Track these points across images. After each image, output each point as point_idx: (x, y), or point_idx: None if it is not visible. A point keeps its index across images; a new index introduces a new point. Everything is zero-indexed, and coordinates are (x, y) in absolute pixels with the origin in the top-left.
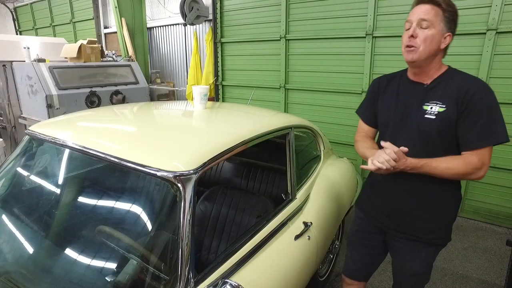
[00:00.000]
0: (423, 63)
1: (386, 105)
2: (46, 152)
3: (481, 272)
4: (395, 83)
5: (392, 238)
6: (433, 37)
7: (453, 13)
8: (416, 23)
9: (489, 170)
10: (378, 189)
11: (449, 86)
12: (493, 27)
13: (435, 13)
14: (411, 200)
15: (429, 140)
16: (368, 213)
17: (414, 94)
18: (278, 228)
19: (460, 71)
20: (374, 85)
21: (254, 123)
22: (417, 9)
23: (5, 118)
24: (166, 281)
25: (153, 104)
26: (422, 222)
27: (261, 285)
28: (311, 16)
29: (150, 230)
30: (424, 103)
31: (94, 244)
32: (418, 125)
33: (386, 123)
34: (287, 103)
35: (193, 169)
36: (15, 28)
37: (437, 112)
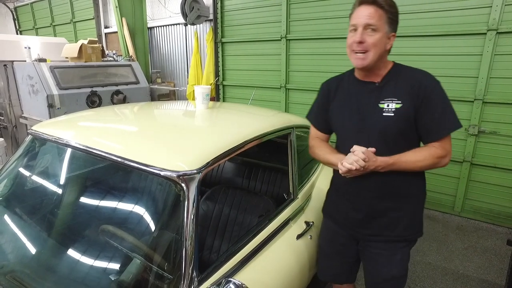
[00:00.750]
0: (373, 65)
1: (340, 109)
2: (49, 152)
3: (482, 272)
4: (344, 86)
5: (366, 245)
6: (380, 41)
7: (395, 13)
8: (362, 28)
9: (489, 170)
10: (344, 195)
11: (399, 81)
12: (494, 27)
13: (379, 16)
14: (381, 200)
15: (390, 137)
16: (338, 221)
17: (367, 93)
18: (280, 227)
19: (404, 65)
20: (323, 90)
21: (257, 123)
22: (361, 12)
23: (6, 117)
24: (170, 280)
25: (155, 104)
26: (396, 220)
27: (264, 284)
28: (312, 16)
29: (154, 229)
30: (379, 102)
31: (98, 243)
32: (377, 124)
33: (343, 127)
34: (288, 103)
35: (196, 168)
36: (16, 28)
37: (395, 109)
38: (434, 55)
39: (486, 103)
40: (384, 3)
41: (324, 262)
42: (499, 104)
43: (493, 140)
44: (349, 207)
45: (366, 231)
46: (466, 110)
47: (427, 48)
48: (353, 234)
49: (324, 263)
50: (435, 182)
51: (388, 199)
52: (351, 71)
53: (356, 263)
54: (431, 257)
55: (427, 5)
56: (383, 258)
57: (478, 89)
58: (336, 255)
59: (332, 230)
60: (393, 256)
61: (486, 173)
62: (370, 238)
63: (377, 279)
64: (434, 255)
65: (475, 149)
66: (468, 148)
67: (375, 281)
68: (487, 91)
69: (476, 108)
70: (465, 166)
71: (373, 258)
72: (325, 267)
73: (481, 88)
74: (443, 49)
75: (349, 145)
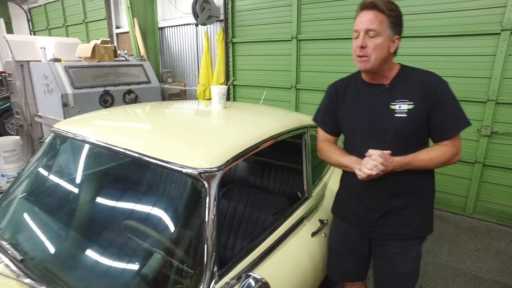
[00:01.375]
0: (377, 69)
1: (350, 112)
2: (72, 149)
3: (495, 274)
4: (352, 88)
5: (380, 244)
6: (382, 45)
7: (397, 16)
8: (363, 33)
9: (501, 171)
10: (357, 196)
11: (409, 83)
12: (508, 27)
13: (380, 21)
14: (395, 199)
15: (403, 137)
16: (350, 222)
17: (377, 95)
18: (295, 225)
19: (410, 66)
20: (331, 93)
21: (273, 122)
22: (363, 18)
23: (22, 116)
24: (192, 274)
25: (171, 103)
26: (409, 218)
27: (281, 279)
28: (323, 16)
29: (175, 225)
30: (391, 103)
31: (120, 237)
32: (390, 125)
33: (354, 131)
34: (298, 103)
35: (217, 166)
36: (29, 29)
37: (407, 110)
38: (447, 55)
39: (499, 103)
40: (384, 8)
41: (335, 262)
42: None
43: (506, 141)
44: (363, 208)
45: (381, 230)
46: (478, 111)
47: (440, 49)
48: (366, 233)
49: (334, 263)
50: (447, 183)
51: (401, 198)
52: (357, 74)
53: (367, 261)
54: (443, 258)
55: (440, 5)
56: (398, 256)
57: (491, 90)
58: (347, 254)
59: (344, 229)
60: (408, 254)
61: (498, 174)
62: (385, 237)
63: (391, 276)
64: (446, 256)
65: (488, 150)
66: (480, 149)
67: (389, 278)
68: (500, 91)
69: (489, 109)
70: (477, 167)
71: (388, 257)
72: (336, 266)
73: (494, 89)
74: (456, 50)
75: (361, 146)
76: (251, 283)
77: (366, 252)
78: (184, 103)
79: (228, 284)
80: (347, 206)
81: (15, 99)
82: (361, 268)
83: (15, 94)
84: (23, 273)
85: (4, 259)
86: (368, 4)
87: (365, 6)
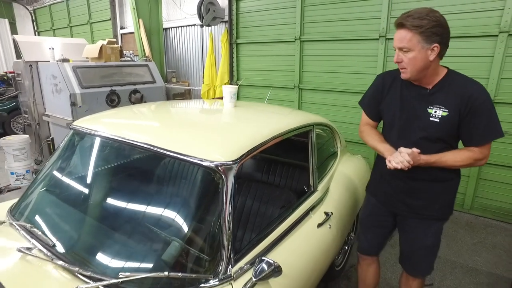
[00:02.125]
0: (417, 77)
1: (392, 107)
2: (92, 144)
3: (490, 266)
4: (397, 84)
5: (404, 219)
6: (415, 58)
7: (429, 27)
8: (397, 50)
9: (498, 168)
10: (387, 178)
11: (450, 91)
12: (506, 29)
13: (410, 37)
14: (419, 186)
15: (432, 139)
16: (379, 199)
17: (418, 97)
18: (303, 216)
19: (458, 73)
20: (379, 82)
21: (283, 119)
22: (396, 36)
23: (30, 115)
24: (210, 259)
25: (184, 102)
26: (429, 203)
27: (290, 265)
28: (326, 18)
29: (195, 214)
30: (429, 107)
31: (143, 226)
32: (422, 126)
33: (392, 123)
34: (301, 102)
35: (233, 160)
36: (34, 29)
37: (441, 116)
38: (446, 56)
39: (497, 103)
40: (411, 26)
41: (362, 235)
42: (510, 105)
43: (503, 139)
44: (391, 189)
45: (406, 208)
46: None
47: None
48: (392, 209)
49: (362, 236)
50: None
51: (425, 185)
52: None
53: (387, 236)
54: (441, 251)
55: (439, 8)
56: (419, 230)
57: (489, 90)
58: (373, 228)
59: (373, 204)
60: (428, 229)
61: (496, 172)
62: (408, 215)
63: (414, 247)
64: (444, 250)
65: None
66: None
67: (412, 249)
68: (498, 91)
69: None
70: None
71: (410, 230)
72: (361, 239)
73: (492, 89)
74: (454, 51)
75: (395, 137)
76: (264, 267)
77: (389, 227)
78: (196, 102)
79: (242, 269)
80: (378, 185)
81: (23, 98)
82: (382, 242)
83: (24, 94)
84: (56, 256)
85: (37, 245)
86: (398, 24)
87: (397, 25)
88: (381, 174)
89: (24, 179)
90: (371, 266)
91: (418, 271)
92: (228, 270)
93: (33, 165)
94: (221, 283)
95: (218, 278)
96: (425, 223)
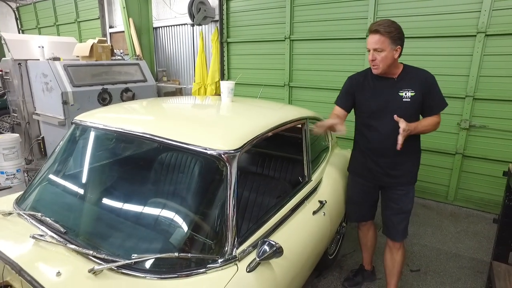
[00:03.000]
0: (385, 71)
1: (368, 97)
2: (98, 138)
3: (472, 251)
4: (368, 80)
5: (389, 189)
6: (386, 57)
7: (396, 34)
8: (372, 50)
9: (480, 161)
10: (370, 156)
11: (411, 77)
12: (483, 30)
13: (383, 41)
14: (398, 157)
15: (407, 114)
16: (366, 176)
17: (389, 86)
18: (299, 204)
19: (409, 65)
20: (351, 81)
21: (279, 112)
22: (370, 39)
23: (20, 114)
24: (216, 241)
25: (184, 98)
26: (409, 170)
27: (289, 249)
28: (315, 18)
29: (201, 200)
30: (399, 91)
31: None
32: (399, 107)
33: (371, 110)
34: (291, 100)
35: (235, 149)
36: (18, 27)
37: (410, 96)
38: (429, 55)
39: (477, 99)
40: (384, 31)
41: (353, 208)
42: (488, 100)
43: (483, 133)
44: (375, 164)
45: (389, 179)
46: (458, 106)
47: (422, 49)
48: (378, 183)
49: (353, 209)
50: (430, 173)
51: (402, 156)
52: (370, 70)
53: (376, 205)
54: (427, 240)
55: (421, 9)
56: (402, 197)
57: (469, 87)
58: (363, 201)
59: (359, 183)
60: (408, 194)
61: (477, 164)
62: (392, 184)
63: (396, 211)
64: (429, 238)
65: (467, 142)
66: (460, 141)
67: (394, 213)
68: (477, 88)
69: (467, 104)
70: (457, 158)
71: (396, 198)
72: (354, 211)
73: (472, 86)
74: (436, 50)
75: (376, 122)
76: (266, 248)
77: (377, 198)
78: (195, 97)
79: (245, 251)
80: (363, 165)
81: (12, 97)
82: (373, 210)
83: (13, 93)
84: (68, 242)
85: (49, 232)
86: (373, 30)
87: (371, 31)
88: (363, 153)
89: (15, 179)
90: (370, 229)
91: (400, 235)
92: (233, 252)
93: (23, 164)
94: (227, 263)
95: (224, 258)
96: (406, 188)
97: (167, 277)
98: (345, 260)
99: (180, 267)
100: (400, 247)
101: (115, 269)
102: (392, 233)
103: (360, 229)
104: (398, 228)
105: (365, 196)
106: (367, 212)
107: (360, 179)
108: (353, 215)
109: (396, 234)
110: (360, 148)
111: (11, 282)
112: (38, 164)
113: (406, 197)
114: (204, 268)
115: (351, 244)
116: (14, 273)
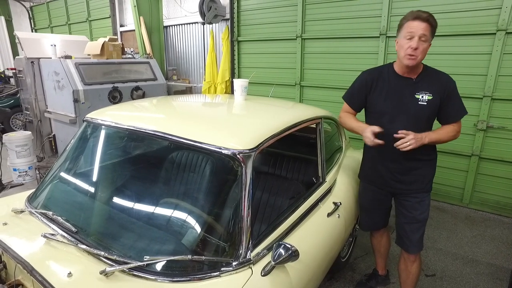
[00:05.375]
0: (416, 65)
1: (382, 97)
2: (111, 136)
3: (490, 257)
4: (384, 78)
5: (403, 197)
6: (426, 49)
7: (435, 28)
8: (418, 37)
9: (496, 163)
10: (382, 163)
11: (431, 79)
12: (503, 27)
13: (430, 31)
14: (411, 163)
15: (421, 119)
16: (378, 184)
17: (406, 86)
18: (313, 205)
19: (430, 66)
20: (364, 78)
21: (293, 111)
22: (418, 25)
23: (32, 112)
24: (231, 244)
25: (197, 96)
26: (422, 175)
27: (304, 252)
28: (327, 16)
29: (215, 201)
30: (416, 93)
31: (161, 213)
32: (413, 110)
33: (383, 111)
34: (302, 99)
35: (250, 148)
36: (31, 27)
37: (427, 100)
38: (446, 54)
39: (495, 99)
40: (433, 22)
41: (366, 216)
42: (507, 101)
43: (501, 135)
44: (388, 171)
45: (403, 186)
46: (475, 106)
47: (439, 48)
48: (391, 190)
49: (365, 217)
50: (445, 175)
51: (416, 162)
52: (389, 66)
53: (389, 212)
54: (442, 244)
55: (438, 6)
56: (417, 204)
57: (487, 86)
58: (376, 209)
59: (371, 190)
60: (423, 202)
61: (493, 167)
62: (405, 192)
63: (411, 219)
64: (444, 242)
65: (484, 143)
66: (476, 142)
67: (409, 221)
68: (496, 88)
69: (485, 104)
70: (473, 159)
71: (410, 205)
72: (367, 219)
73: (490, 86)
74: (454, 49)
75: (388, 124)
76: (281, 252)
77: (389, 205)
78: (206, 96)
79: (259, 254)
80: (373, 171)
81: (25, 95)
82: (386, 217)
83: (25, 91)
84: (79, 242)
85: (60, 231)
86: (424, 17)
87: (420, 18)
88: (375, 160)
89: (27, 176)
90: (383, 236)
91: (414, 246)
92: (247, 254)
93: (35, 162)
94: (242, 266)
95: (238, 261)
96: (420, 196)
97: (180, 280)
98: (357, 263)
99: (193, 270)
100: (415, 259)
101: (127, 270)
102: (405, 244)
103: (373, 235)
104: (411, 239)
105: (377, 204)
106: (379, 220)
107: (372, 186)
108: (365, 224)
109: (410, 245)
110: (370, 151)
111: (22, 281)
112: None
113: (420, 205)
114: (217, 271)
115: (363, 247)
116: (26, 273)
